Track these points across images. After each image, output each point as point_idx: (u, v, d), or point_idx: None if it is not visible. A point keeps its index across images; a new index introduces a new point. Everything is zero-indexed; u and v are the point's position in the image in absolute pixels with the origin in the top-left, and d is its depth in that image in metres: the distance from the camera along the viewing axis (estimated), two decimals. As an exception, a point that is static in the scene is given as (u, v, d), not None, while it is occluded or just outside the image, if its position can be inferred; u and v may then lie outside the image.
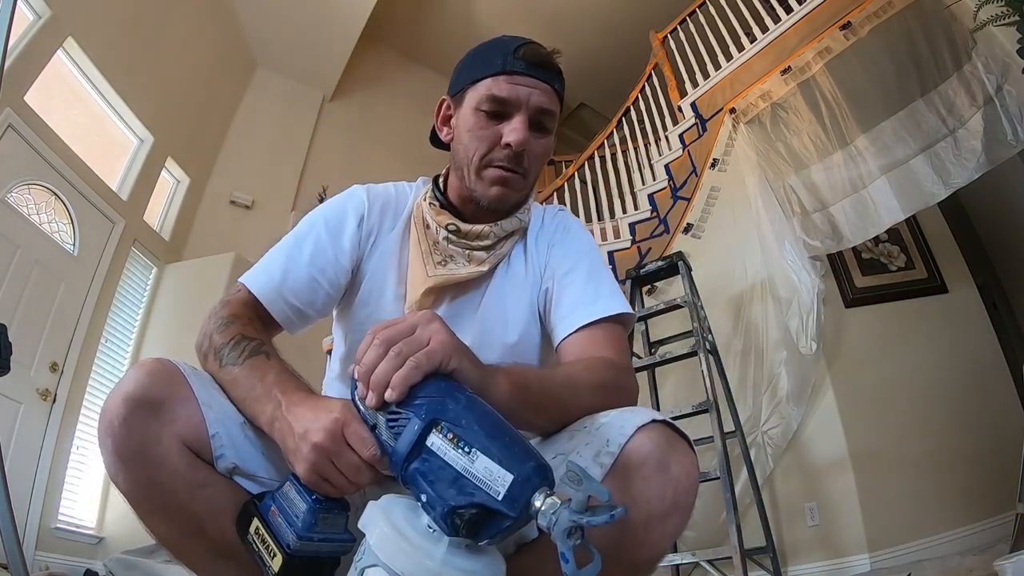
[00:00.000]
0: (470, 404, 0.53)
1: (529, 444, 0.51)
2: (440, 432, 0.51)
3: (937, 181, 2.54)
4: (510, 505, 0.47)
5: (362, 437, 0.55)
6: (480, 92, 0.80)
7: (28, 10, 2.85)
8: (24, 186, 2.84)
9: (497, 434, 0.50)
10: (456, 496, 0.48)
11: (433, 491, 0.49)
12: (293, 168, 4.84)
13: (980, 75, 2.53)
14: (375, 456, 0.55)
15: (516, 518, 0.47)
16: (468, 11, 5.57)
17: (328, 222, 0.84)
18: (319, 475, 0.56)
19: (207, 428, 0.64)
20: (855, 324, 2.80)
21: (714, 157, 3.45)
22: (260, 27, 4.72)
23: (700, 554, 2.20)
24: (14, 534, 1.21)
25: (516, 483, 0.47)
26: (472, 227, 0.83)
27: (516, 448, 0.49)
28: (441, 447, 0.50)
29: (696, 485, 0.63)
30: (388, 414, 0.54)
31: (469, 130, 0.81)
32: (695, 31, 4.12)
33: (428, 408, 0.52)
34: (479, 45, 0.85)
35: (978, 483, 2.36)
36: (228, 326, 0.73)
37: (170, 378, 0.64)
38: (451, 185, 0.87)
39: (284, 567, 0.56)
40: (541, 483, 0.47)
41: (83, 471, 3.01)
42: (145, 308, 3.57)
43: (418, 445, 0.51)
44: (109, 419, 0.60)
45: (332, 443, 0.55)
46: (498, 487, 0.47)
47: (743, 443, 2.48)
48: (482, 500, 0.47)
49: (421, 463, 0.51)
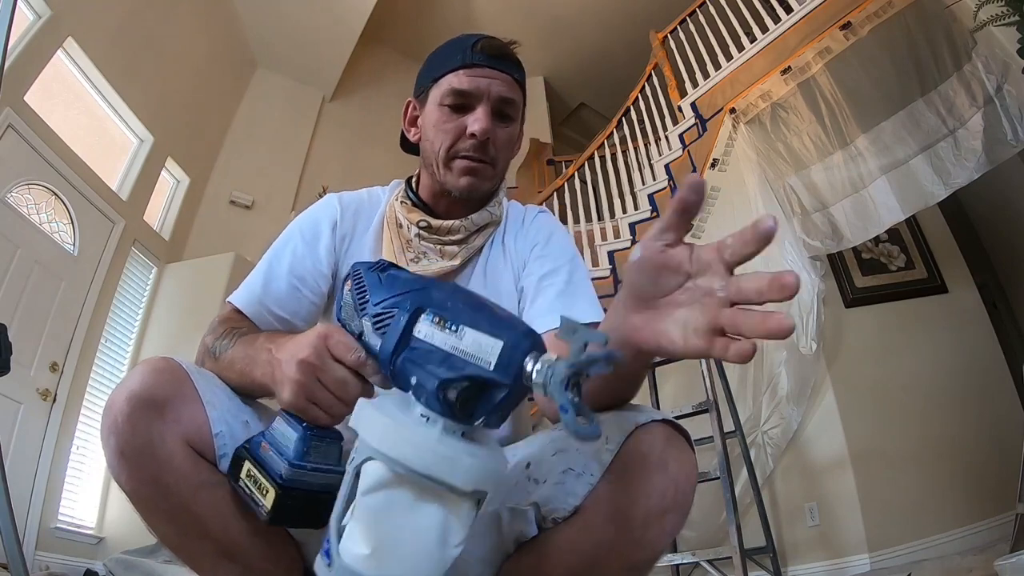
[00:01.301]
0: (455, 288, 0.53)
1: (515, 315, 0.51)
2: (426, 319, 0.49)
3: (937, 181, 2.54)
4: (502, 372, 0.45)
5: (345, 343, 0.55)
6: (442, 88, 0.83)
7: (28, 10, 2.85)
8: (24, 186, 2.84)
9: (482, 308, 0.49)
10: (446, 372, 0.46)
11: (423, 371, 0.47)
12: (293, 168, 4.84)
13: (980, 75, 2.53)
14: (360, 360, 0.55)
15: (510, 386, 0.45)
16: (468, 11, 5.58)
17: (304, 233, 0.86)
18: (306, 396, 0.55)
19: (211, 427, 0.64)
20: (855, 324, 2.80)
21: (714, 157, 3.45)
22: (260, 27, 4.72)
23: (700, 554, 2.20)
24: (14, 534, 1.21)
25: (506, 349, 0.45)
26: (443, 222, 0.85)
27: (502, 318, 0.48)
28: (428, 332, 0.49)
29: (695, 484, 0.62)
30: (374, 317, 0.53)
31: (434, 125, 0.83)
32: (695, 31, 4.12)
33: (412, 299, 0.52)
34: (439, 47, 0.88)
35: (978, 483, 2.36)
36: (219, 326, 0.77)
37: (174, 377, 0.64)
38: (423, 183, 0.90)
39: (277, 502, 0.54)
40: (531, 347, 0.46)
41: (83, 471, 3.01)
42: (145, 308, 3.57)
43: (405, 336, 0.50)
44: (113, 417, 0.60)
45: (316, 357, 0.55)
46: (489, 357, 0.46)
47: (743, 443, 2.48)
48: (473, 372, 0.46)
49: (409, 352, 0.49)
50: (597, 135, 4.74)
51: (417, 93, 0.90)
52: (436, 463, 0.44)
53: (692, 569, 2.53)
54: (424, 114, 0.87)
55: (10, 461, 2.42)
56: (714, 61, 3.86)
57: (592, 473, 0.63)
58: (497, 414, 0.48)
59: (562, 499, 0.64)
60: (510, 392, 0.46)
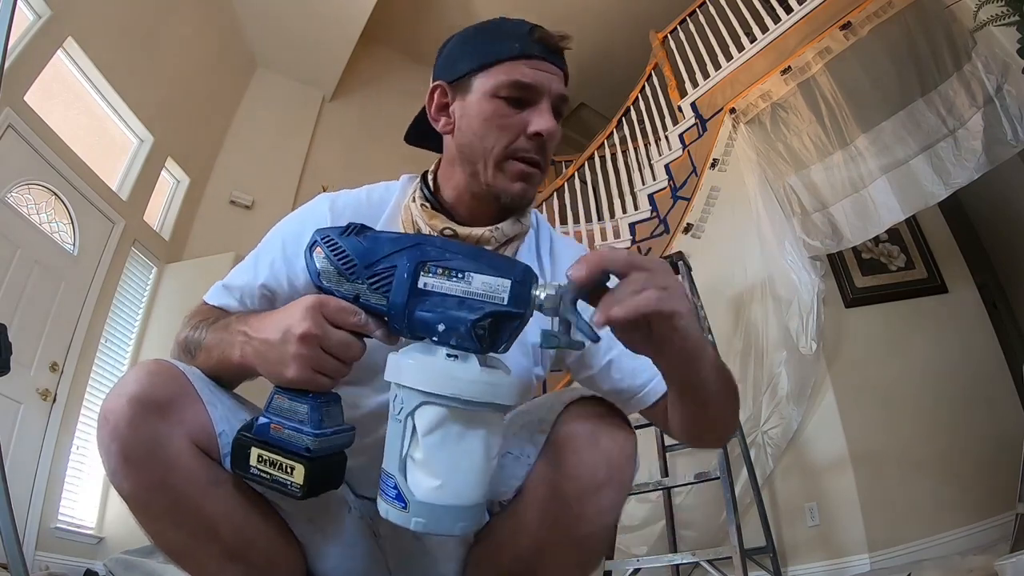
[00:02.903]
0: (445, 242, 0.58)
1: (509, 257, 0.57)
2: (429, 272, 0.55)
3: (937, 181, 2.54)
4: (516, 304, 0.53)
5: (344, 307, 0.56)
6: (499, 77, 0.73)
7: (28, 10, 2.85)
8: (24, 186, 2.84)
9: (480, 255, 0.56)
10: (471, 313, 0.53)
11: (448, 317, 0.53)
12: (293, 168, 4.84)
13: (980, 75, 2.53)
14: (362, 321, 0.57)
15: (523, 313, 0.54)
16: (468, 11, 5.57)
17: (286, 244, 0.77)
18: (312, 368, 0.56)
19: (214, 427, 0.64)
20: (855, 324, 2.80)
21: (714, 157, 3.45)
22: (260, 27, 4.72)
23: (700, 554, 2.20)
24: (14, 534, 1.21)
25: (516, 285, 0.53)
26: (471, 231, 0.75)
27: (501, 260, 0.55)
28: (436, 283, 0.55)
29: (631, 459, 0.64)
30: (369, 279, 0.57)
31: (487, 119, 0.73)
32: (695, 31, 4.12)
33: (410, 255, 0.56)
34: (475, 28, 0.80)
35: (978, 483, 2.36)
36: (189, 321, 0.75)
37: (173, 378, 0.63)
38: (447, 182, 0.79)
39: (308, 474, 0.56)
40: (533, 279, 0.54)
41: (83, 471, 3.01)
42: (145, 308, 3.57)
43: (413, 289, 0.55)
44: (114, 422, 0.59)
45: (316, 326, 0.55)
46: (501, 294, 0.53)
47: (743, 443, 2.48)
48: (492, 309, 0.53)
49: (422, 303, 0.55)
50: (597, 135, 4.74)
51: (450, 77, 0.78)
52: (487, 391, 0.52)
53: (692, 569, 2.53)
54: (466, 104, 0.75)
55: (10, 461, 2.42)
56: (714, 61, 3.85)
57: (528, 455, 0.67)
58: (511, 340, 0.55)
59: (505, 482, 0.69)
60: (522, 319, 0.54)
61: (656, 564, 2.30)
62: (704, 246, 3.24)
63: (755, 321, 2.89)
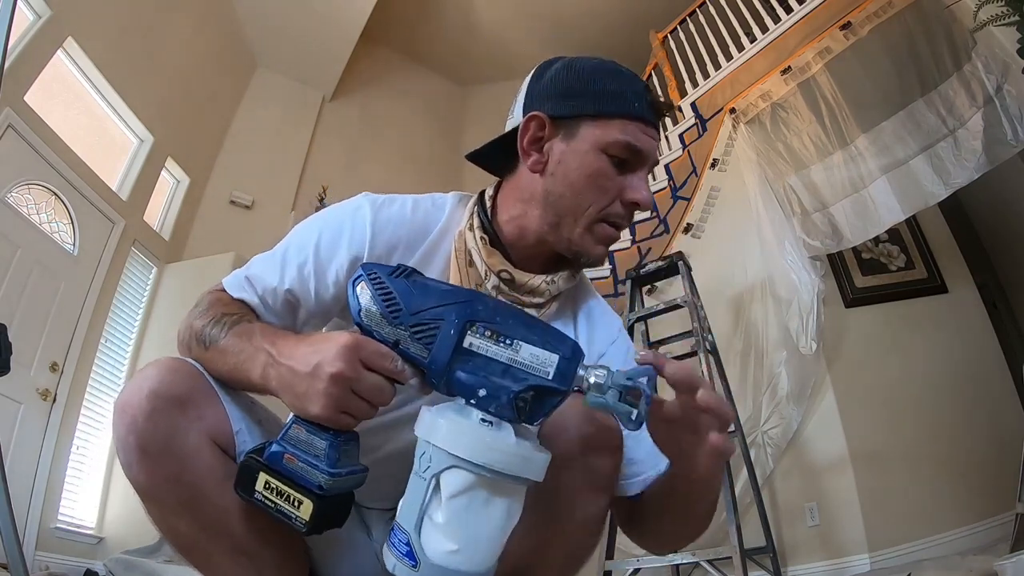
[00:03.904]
0: (497, 303, 0.57)
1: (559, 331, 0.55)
2: (476, 332, 0.54)
3: (937, 181, 2.54)
4: (561, 381, 0.52)
5: (381, 353, 0.54)
6: (613, 134, 0.68)
7: (28, 10, 2.85)
8: (24, 186, 2.83)
9: (531, 324, 0.55)
10: (513, 383, 0.52)
11: (490, 384, 0.52)
12: (293, 168, 4.83)
13: (980, 75, 2.53)
14: (398, 368, 0.55)
15: (565, 391, 0.53)
16: (468, 11, 5.57)
17: (319, 249, 0.72)
18: (338, 408, 0.54)
19: (231, 424, 0.64)
20: (855, 324, 2.80)
21: (714, 157, 3.45)
22: (260, 27, 4.72)
23: (700, 554, 2.20)
24: (14, 534, 1.21)
25: (563, 361, 0.53)
26: (527, 279, 0.72)
27: (552, 333, 0.55)
28: (482, 345, 0.54)
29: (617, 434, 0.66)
30: (412, 327, 0.55)
31: (590, 175, 0.69)
32: (695, 31, 4.12)
33: (459, 311, 0.54)
34: (590, 65, 0.72)
35: (978, 483, 2.36)
36: (208, 309, 0.70)
37: (192, 375, 0.63)
38: (510, 217, 0.74)
39: (316, 511, 0.54)
40: (581, 357, 0.53)
41: (83, 471, 3.01)
42: (145, 308, 3.57)
43: (458, 347, 0.53)
44: (132, 416, 0.59)
45: (351, 369, 0.53)
46: (547, 368, 0.52)
47: (743, 443, 2.47)
48: (536, 382, 0.52)
49: (464, 364, 0.53)
50: (597, 135, 4.73)
51: (555, 112, 0.71)
52: (520, 464, 0.51)
53: (692, 569, 2.53)
54: (568, 149, 0.70)
55: (10, 461, 2.41)
56: (714, 61, 3.86)
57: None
58: (549, 415, 0.55)
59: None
60: (564, 396, 0.53)
61: (656, 564, 2.30)
62: (704, 246, 3.24)
63: (755, 321, 2.89)
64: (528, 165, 0.73)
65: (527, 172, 0.73)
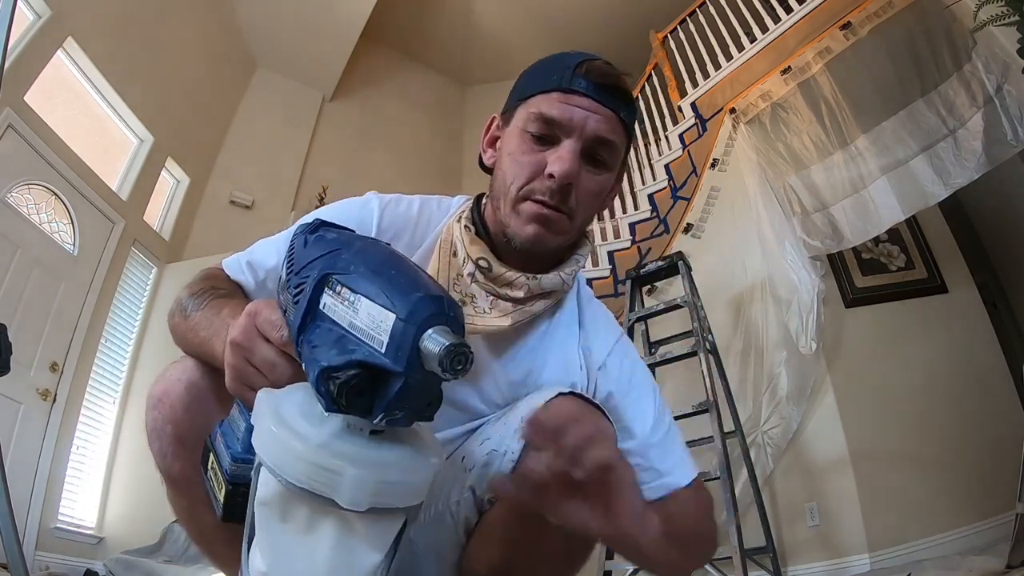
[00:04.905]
0: (364, 247, 0.43)
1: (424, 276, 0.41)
2: (331, 289, 0.41)
3: (937, 181, 2.54)
4: (395, 356, 0.35)
5: (271, 320, 0.47)
6: (529, 110, 0.68)
7: (28, 10, 2.85)
8: (24, 186, 2.83)
9: (382, 269, 0.39)
10: (334, 356, 0.37)
11: (313, 356, 0.38)
12: (293, 168, 4.83)
13: (980, 75, 2.53)
14: (283, 338, 0.46)
15: (404, 373, 0.35)
16: (468, 11, 5.57)
17: None
18: (240, 382, 0.49)
19: None
20: (855, 324, 2.80)
21: (714, 157, 3.45)
22: (260, 27, 4.72)
23: (700, 554, 2.19)
24: (14, 534, 1.20)
25: (398, 323, 0.35)
26: (505, 271, 0.70)
27: (402, 279, 0.38)
28: (332, 306, 0.40)
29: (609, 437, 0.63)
30: (293, 288, 0.44)
31: (510, 153, 0.69)
32: (695, 31, 4.12)
33: (322, 265, 0.43)
34: (543, 58, 0.73)
35: (978, 483, 2.35)
36: (200, 282, 0.69)
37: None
38: (489, 213, 0.75)
39: (227, 499, 0.46)
40: (433, 319, 0.35)
41: (83, 471, 3.01)
42: (145, 308, 3.57)
43: (311, 311, 0.41)
44: (171, 406, 0.60)
45: (244, 337, 0.48)
46: (382, 335, 0.36)
47: (743, 443, 2.47)
48: (362, 356, 0.36)
49: (312, 331, 0.41)
50: (597, 135, 4.73)
51: (504, 110, 0.75)
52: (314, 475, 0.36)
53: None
54: (504, 136, 0.73)
55: (10, 461, 2.41)
56: (714, 61, 3.85)
57: (513, 452, 0.66)
58: (402, 410, 0.37)
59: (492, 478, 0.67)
60: (407, 382, 0.35)
61: (656, 564, 2.29)
62: (704, 246, 3.24)
63: (755, 321, 2.88)
64: (487, 162, 0.76)
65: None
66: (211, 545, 0.65)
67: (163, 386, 0.61)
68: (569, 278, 0.74)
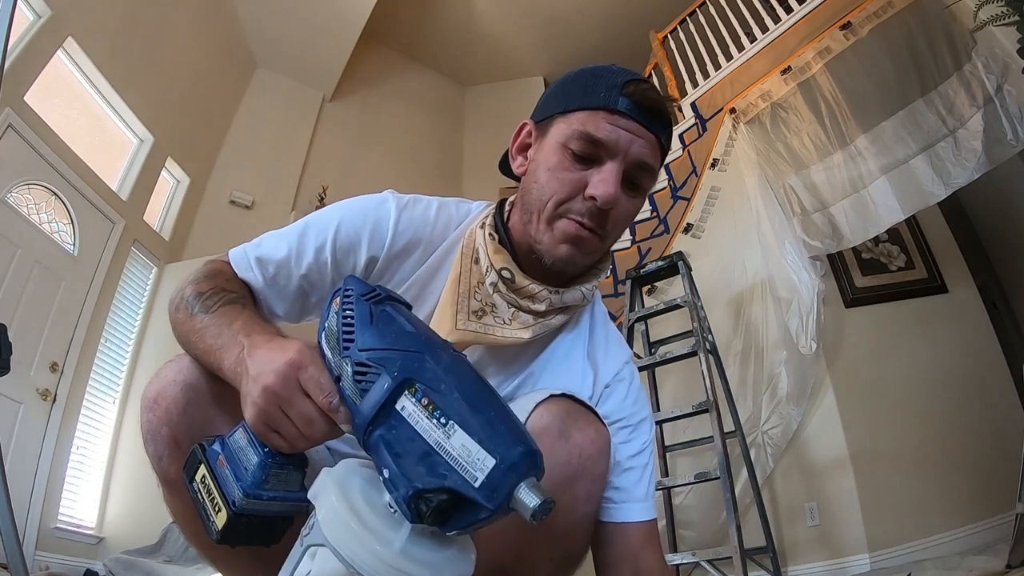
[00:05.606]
0: (453, 365, 0.45)
1: (519, 424, 0.43)
2: (413, 395, 0.43)
3: (937, 181, 2.54)
4: (488, 495, 0.39)
5: (319, 383, 0.48)
6: (572, 126, 0.67)
7: (28, 10, 2.85)
8: (24, 186, 2.83)
9: (481, 406, 0.42)
10: (424, 476, 0.40)
11: (397, 467, 0.41)
12: (293, 168, 4.84)
13: (980, 75, 2.53)
14: (332, 405, 0.47)
15: (493, 511, 0.39)
16: (468, 11, 5.57)
17: (339, 242, 0.71)
18: (267, 425, 0.49)
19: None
20: (855, 324, 2.80)
21: (714, 157, 3.45)
22: (260, 27, 4.72)
23: (700, 554, 2.20)
24: (14, 534, 1.20)
25: (498, 470, 0.39)
26: (528, 284, 0.69)
27: (502, 426, 0.41)
28: (413, 414, 0.42)
29: (603, 452, 0.64)
30: (356, 364, 0.46)
31: (549, 168, 0.68)
32: (695, 31, 4.12)
33: (403, 364, 0.44)
34: (581, 69, 0.71)
35: (978, 483, 2.36)
36: (207, 279, 0.67)
37: None
38: (514, 222, 0.73)
39: (228, 525, 0.49)
40: (528, 472, 0.40)
41: (83, 471, 3.01)
42: (145, 308, 3.57)
43: (386, 407, 0.43)
44: (166, 407, 0.59)
45: (283, 387, 0.48)
46: (476, 471, 0.39)
47: (743, 443, 2.47)
48: (455, 484, 0.39)
49: (387, 430, 0.43)
50: (597, 135, 4.73)
51: (538, 117, 0.73)
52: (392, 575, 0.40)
53: (692, 569, 2.53)
54: (540, 147, 0.70)
55: (10, 461, 2.42)
56: (714, 61, 3.86)
57: None
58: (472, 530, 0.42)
59: None
60: (492, 516, 0.40)
61: (656, 564, 2.29)
62: (704, 246, 3.24)
63: (755, 321, 2.89)
64: (516, 170, 0.74)
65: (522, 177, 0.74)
66: (209, 547, 0.65)
67: (158, 387, 0.60)
68: (589, 293, 0.74)
